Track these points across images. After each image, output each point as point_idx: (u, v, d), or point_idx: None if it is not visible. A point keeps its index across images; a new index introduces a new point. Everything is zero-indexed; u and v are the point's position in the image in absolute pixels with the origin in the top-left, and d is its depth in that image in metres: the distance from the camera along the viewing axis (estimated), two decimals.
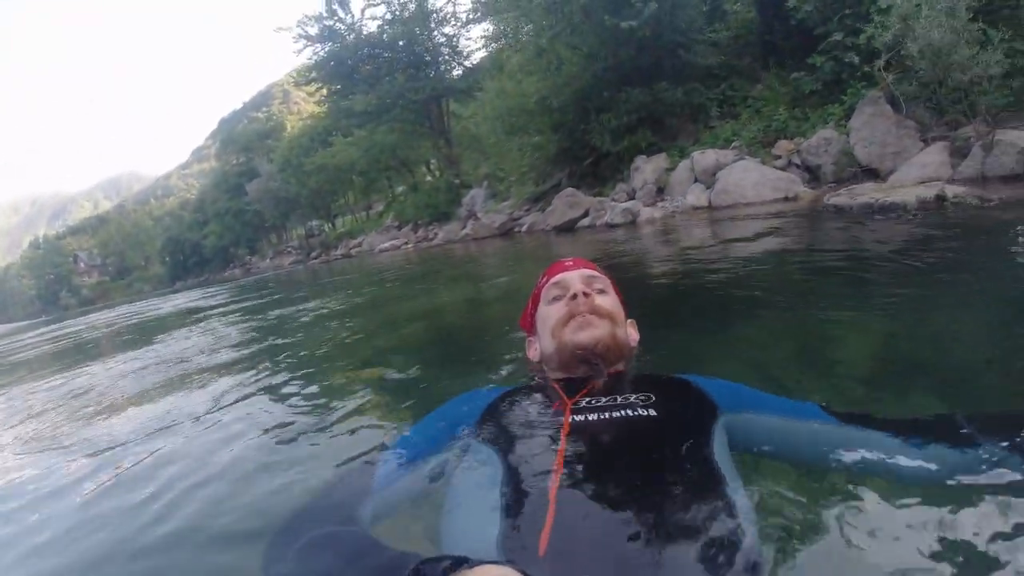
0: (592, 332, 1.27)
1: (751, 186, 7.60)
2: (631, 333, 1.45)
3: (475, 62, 25.61)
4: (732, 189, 7.81)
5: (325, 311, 5.41)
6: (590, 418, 1.02)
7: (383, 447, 1.18)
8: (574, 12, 10.29)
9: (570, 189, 10.75)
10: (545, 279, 1.50)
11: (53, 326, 15.90)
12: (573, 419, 1.02)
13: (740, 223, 6.10)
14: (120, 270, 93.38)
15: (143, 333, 7.17)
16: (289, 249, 44.35)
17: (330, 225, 43.50)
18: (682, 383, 1.18)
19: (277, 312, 5.91)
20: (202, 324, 6.23)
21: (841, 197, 5.53)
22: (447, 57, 26.08)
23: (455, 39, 25.84)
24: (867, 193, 5.27)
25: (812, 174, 7.99)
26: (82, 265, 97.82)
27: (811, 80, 9.05)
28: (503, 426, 1.08)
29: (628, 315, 1.48)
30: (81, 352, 6.38)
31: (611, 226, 8.74)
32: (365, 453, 1.47)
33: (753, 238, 4.99)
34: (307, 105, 71.48)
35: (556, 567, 0.71)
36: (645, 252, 5.64)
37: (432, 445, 1.11)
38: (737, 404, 1.09)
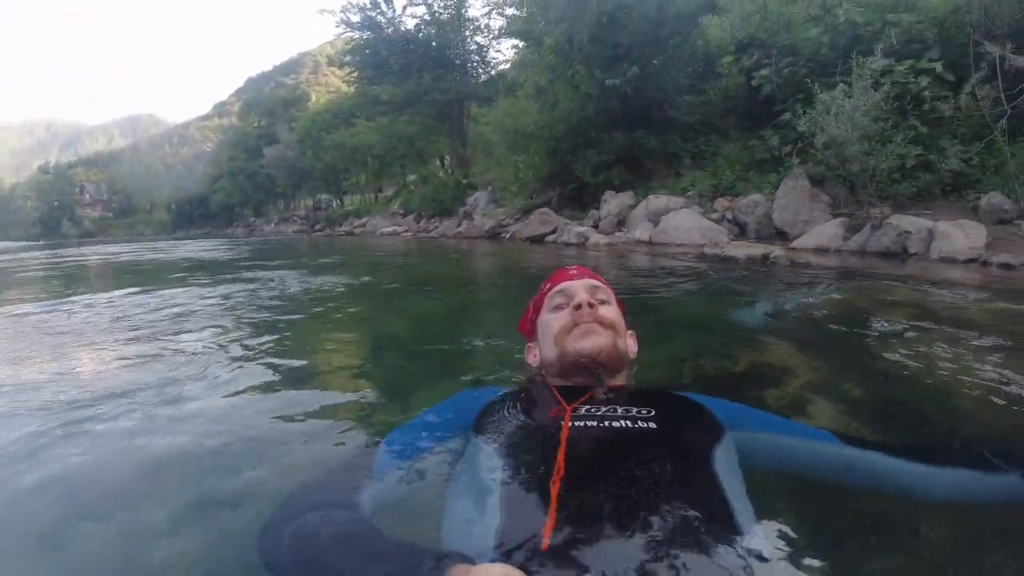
0: (595, 341, 1.31)
1: (684, 231, 9.25)
2: (631, 344, 1.49)
3: (501, 70, 27.41)
4: (669, 231, 9.45)
5: (331, 287, 5.70)
6: (589, 424, 1.05)
7: (384, 436, 1.22)
8: (576, 61, 12.13)
9: (544, 208, 12.55)
10: (548, 286, 1.53)
11: (63, 251, 17.19)
12: (573, 424, 1.05)
13: (655, 257, 7.78)
14: (124, 209, 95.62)
15: (148, 276, 7.90)
16: (295, 217, 45.83)
17: (338, 201, 44.90)
18: (684, 400, 1.23)
19: (285, 281, 6.17)
20: (209, 281, 6.57)
21: (708, 248, 7.27)
22: (475, 64, 27.90)
23: (486, 48, 27.69)
24: (720, 248, 7.01)
25: (741, 229, 9.67)
26: (87, 197, 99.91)
27: (762, 150, 10.76)
28: (504, 426, 1.11)
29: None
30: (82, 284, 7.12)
31: (567, 244, 10.46)
32: (365, 441, 1.58)
33: (644, 267, 6.68)
34: (335, 79, 72.37)
35: (559, 562, 0.73)
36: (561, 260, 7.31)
37: (434, 438, 1.15)
38: (742, 423, 1.14)
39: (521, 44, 16.68)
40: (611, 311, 1.43)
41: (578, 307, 1.37)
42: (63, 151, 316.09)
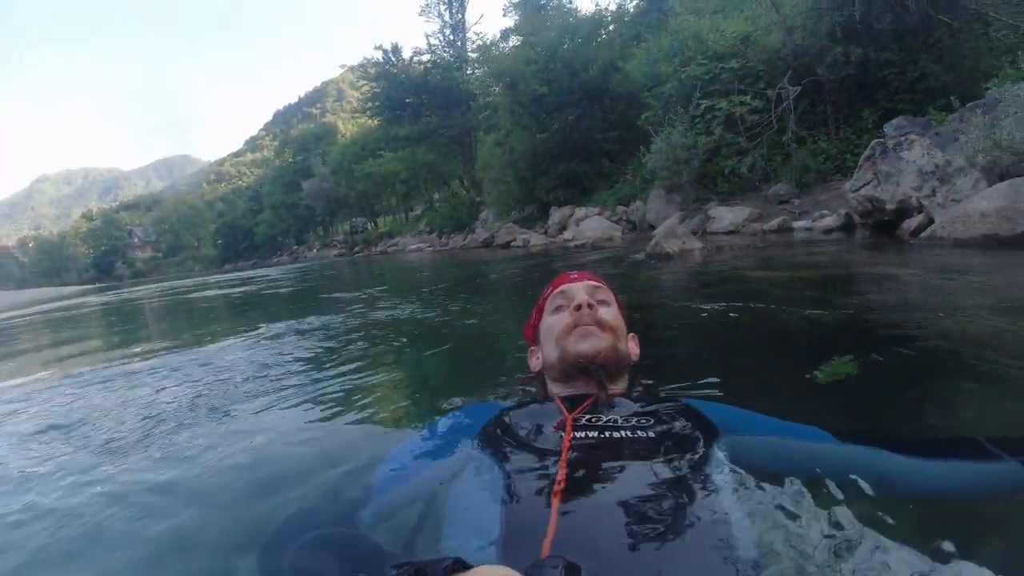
0: (595, 343, 1.40)
1: (591, 230, 14.92)
2: (632, 347, 1.59)
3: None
4: (584, 231, 15.09)
5: (349, 304, 6.21)
6: (590, 435, 1.12)
7: (385, 452, 1.26)
8: (523, 118, 18.29)
9: (510, 224, 18.65)
10: (550, 290, 1.63)
11: (123, 292, 21.02)
12: (574, 436, 1.12)
13: (567, 248, 13.56)
14: (173, 248, 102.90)
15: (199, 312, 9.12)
16: (335, 242, 51.51)
17: (372, 223, 50.27)
18: (681, 407, 1.27)
19: (301, 299, 7.45)
20: (255, 315, 7.30)
21: (571, 241, 13.11)
22: (477, 98, 34.06)
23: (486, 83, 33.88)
24: (578, 238, 12.83)
25: (633, 226, 15.36)
26: (136, 240, 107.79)
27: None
28: (505, 439, 1.17)
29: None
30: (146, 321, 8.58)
31: (517, 247, 16.33)
32: (366, 456, 1.67)
33: (543, 253, 12.46)
34: (358, 104, 78.41)
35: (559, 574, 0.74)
36: (509, 258, 13.12)
37: (434, 453, 1.22)
38: (736, 426, 1.21)
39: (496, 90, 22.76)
40: (611, 312, 1.52)
41: (578, 308, 1.46)
42: (103, 197, 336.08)
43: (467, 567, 0.68)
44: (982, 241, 5.33)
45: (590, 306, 1.46)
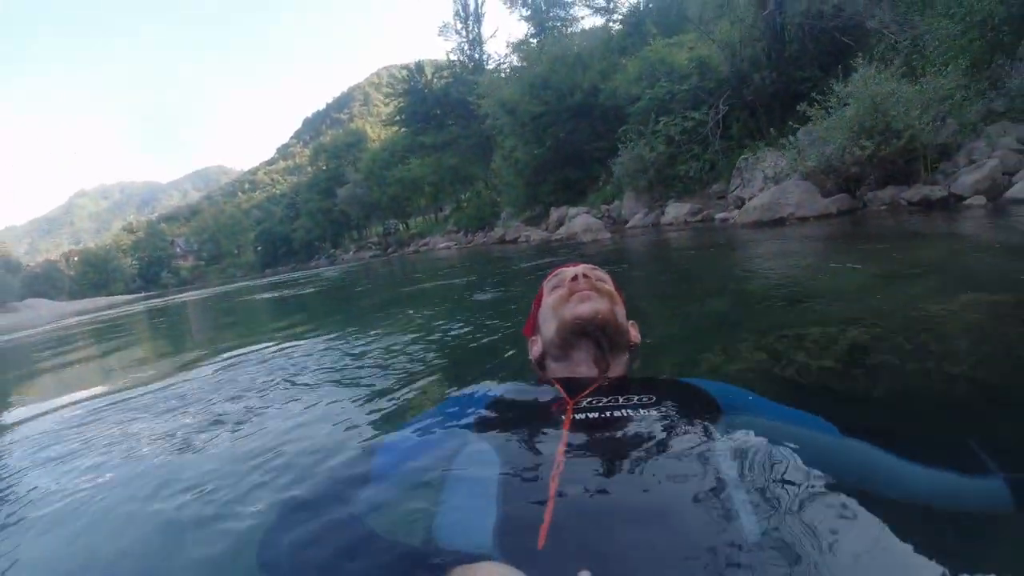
0: (592, 305, 1.42)
1: (578, 226, 18.88)
2: (632, 332, 1.60)
3: None
4: (573, 227, 19.17)
5: (359, 297, 6.69)
6: (591, 416, 1.12)
7: (382, 437, 1.31)
8: (523, 135, 22.61)
9: (518, 223, 22.96)
10: (547, 278, 1.68)
11: (172, 299, 24.65)
12: (574, 417, 1.12)
13: (552, 239, 17.70)
14: (214, 256, 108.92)
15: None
16: (369, 244, 55.32)
17: (404, 225, 54.08)
18: (685, 385, 1.31)
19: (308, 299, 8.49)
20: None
21: (560, 234, 17.33)
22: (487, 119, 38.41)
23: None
24: (568, 233, 17.03)
25: (613, 221, 19.47)
26: (179, 250, 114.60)
27: None
28: (504, 423, 1.19)
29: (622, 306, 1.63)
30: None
31: (522, 242, 20.53)
32: (363, 444, 1.71)
33: (541, 250, 16.62)
34: (384, 108, 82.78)
35: (554, 560, 0.76)
36: (507, 248, 17.27)
37: (432, 439, 1.22)
38: (740, 407, 1.21)
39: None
40: (608, 286, 1.57)
41: (575, 279, 1.50)
42: (141, 209, 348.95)
43: (468, 561, 0.70)
44: (753, 225, 9.37)
45: (586, 276, 1.51)
